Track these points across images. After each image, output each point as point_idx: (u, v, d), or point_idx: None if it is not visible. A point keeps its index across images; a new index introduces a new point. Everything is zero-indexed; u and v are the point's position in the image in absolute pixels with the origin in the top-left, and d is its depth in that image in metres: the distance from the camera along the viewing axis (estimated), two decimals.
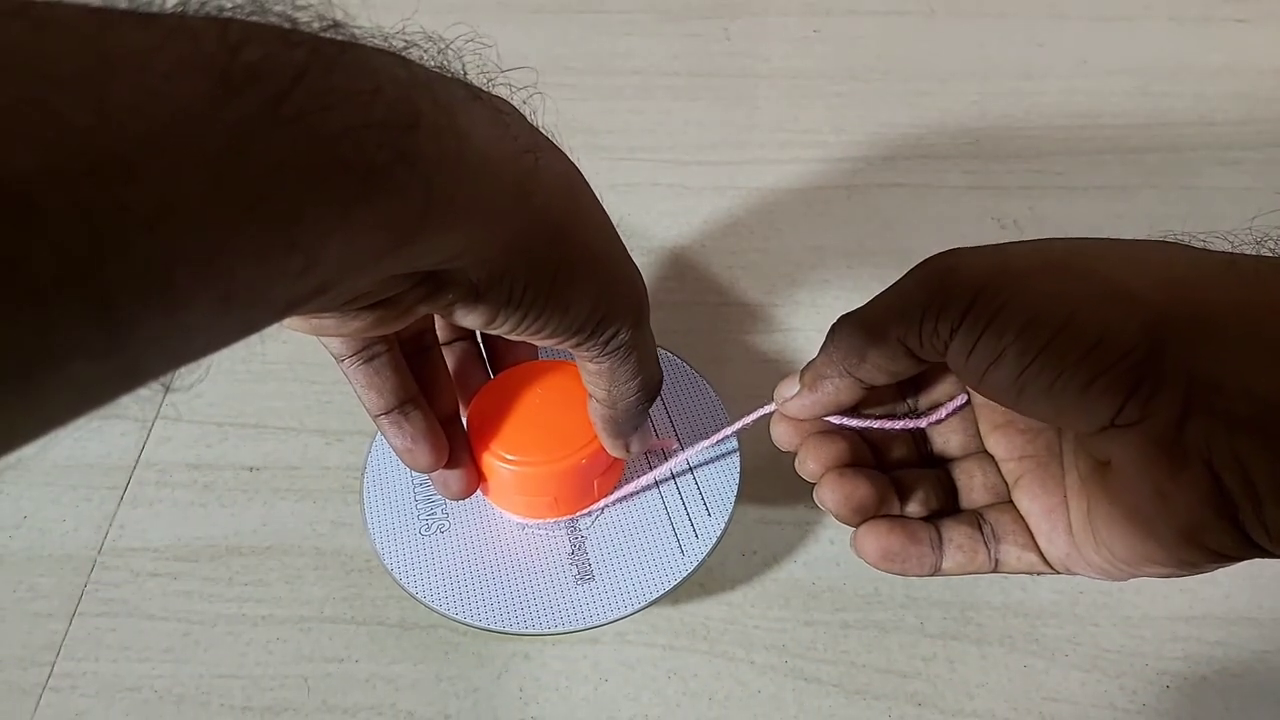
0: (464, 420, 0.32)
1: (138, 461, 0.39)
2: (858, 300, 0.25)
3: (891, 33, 0.62)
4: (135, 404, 0.14)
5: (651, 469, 0.33)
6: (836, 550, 0.36)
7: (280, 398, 0.41)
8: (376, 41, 0.18)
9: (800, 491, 0.37)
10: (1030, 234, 0.47)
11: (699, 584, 0.35)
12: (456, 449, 0.30)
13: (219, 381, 0.42)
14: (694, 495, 0.33)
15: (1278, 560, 0.33)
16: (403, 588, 0.31)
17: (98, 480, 0.38)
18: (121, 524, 0.37)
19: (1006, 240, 0.24)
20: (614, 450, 0.30)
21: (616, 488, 0.33)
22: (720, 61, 0.60)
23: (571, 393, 0.31)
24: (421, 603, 0.31)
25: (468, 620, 0.30)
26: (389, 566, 0.32)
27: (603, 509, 0.33)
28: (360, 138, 0.15)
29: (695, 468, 0.34)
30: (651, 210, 0.50)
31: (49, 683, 0.33)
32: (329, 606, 0.35)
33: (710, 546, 0.32)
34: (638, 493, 0.33)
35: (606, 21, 0.63)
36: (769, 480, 0.38)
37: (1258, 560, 0.35)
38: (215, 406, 0.41)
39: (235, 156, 0.13)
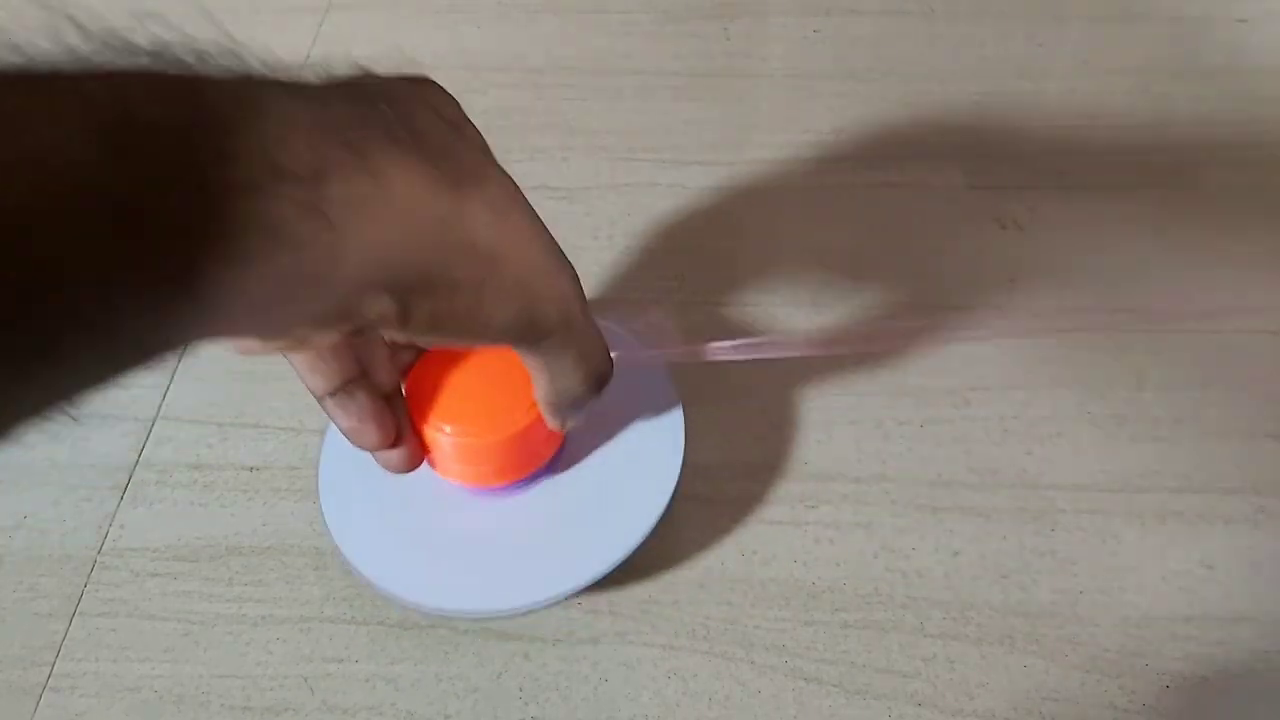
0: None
1: (138, 461, 0.39)
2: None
3: (891, 33, 0.62)
4: (134, 404, 0.14)
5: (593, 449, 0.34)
6: (836, 550, 0.36)
7: (280, 398, 0.41)
8: (294, 78, 0.17)
9: (799, 490, 0.37)
10: (1030, 234, 0.47)
11: (698, 584, 0.35)
12: (400, 423, 0.30)
13: (219, 381, 0.42)
14: (640, 458, 0.34)
15: (1278, 559, 0.33)
16: (373, 585, 0.31)
17: (98, 480, 0.38)
18: (121, 524, 0.37)
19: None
20: (553, 426, 0.31)
21: (567, 454, 0.34)
22: (720, 61, 0.60)
23: (510, 358, 0.31)
24: (396, 600, 0.31)
25: (444, 608, 0.31)
26: (351, 561, 0.32)
27: (555, 475, 0.34)
28: (264, 192, 0.15)
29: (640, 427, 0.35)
30: (651, 210, 0.49)
31: (49, 683, 0.33)
32: (329, 606, 0.35)
33: (662, 508, 0.32)
34: (585, 459, 0.34)
35: (606, 21, 0.62)
36: (769, 480, 0.38)
37: (1258, 559, 0.35)
38: (215, 406, 0.41)
39: (127, 221, 0.13)
